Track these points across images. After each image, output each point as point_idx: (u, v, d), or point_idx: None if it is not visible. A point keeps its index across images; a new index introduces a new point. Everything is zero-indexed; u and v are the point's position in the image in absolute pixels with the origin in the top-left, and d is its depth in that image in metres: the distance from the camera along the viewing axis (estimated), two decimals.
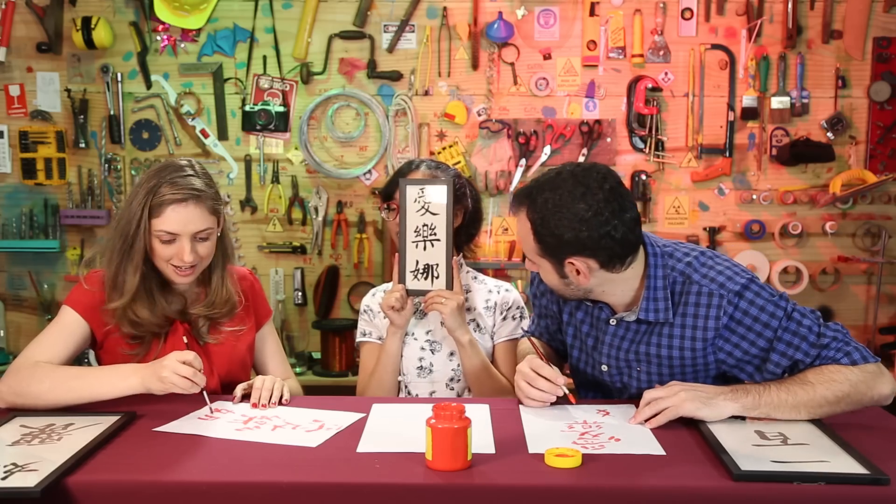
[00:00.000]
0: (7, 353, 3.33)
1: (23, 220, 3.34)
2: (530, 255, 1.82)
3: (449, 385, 2.22)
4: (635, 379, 1.89)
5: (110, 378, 1.81)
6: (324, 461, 1.50)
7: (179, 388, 1.75)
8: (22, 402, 1.80)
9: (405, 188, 2.10)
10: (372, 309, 2.30)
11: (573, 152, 3.28)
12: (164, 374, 1.74)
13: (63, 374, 1.82)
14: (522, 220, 1.78)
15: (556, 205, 1.70)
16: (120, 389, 1.79)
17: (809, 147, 3.24)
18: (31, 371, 1.82)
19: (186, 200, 1.88)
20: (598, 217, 1.69)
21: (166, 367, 1.75)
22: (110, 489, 1.41)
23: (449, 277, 2.10)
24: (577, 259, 1.73)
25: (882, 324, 3.33)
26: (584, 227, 1.69)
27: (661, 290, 1.80)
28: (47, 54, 3.29)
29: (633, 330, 1.86)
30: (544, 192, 1.73)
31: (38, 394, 1.79)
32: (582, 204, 1.69)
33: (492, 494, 1.41)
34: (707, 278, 1.78)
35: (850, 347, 1.71)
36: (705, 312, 1.77)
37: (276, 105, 3.28)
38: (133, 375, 1.79)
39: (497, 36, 3.24)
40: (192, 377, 1.74)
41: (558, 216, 1.70)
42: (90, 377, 1.82)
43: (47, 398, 1.78)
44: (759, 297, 1.75)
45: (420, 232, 2.10)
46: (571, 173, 1.73)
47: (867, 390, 1.67)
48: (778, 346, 1.73)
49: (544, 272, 1.82)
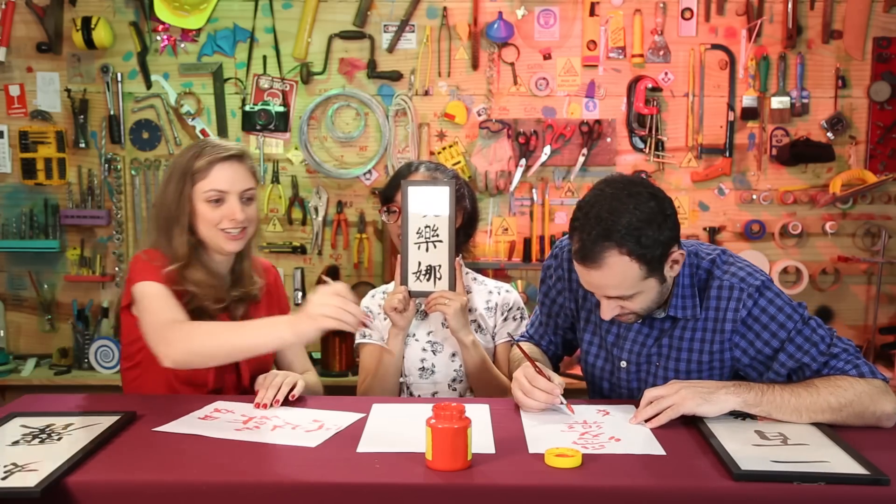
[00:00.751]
0: (7, 353, 3.33)
1: (23, 220, 3.34)
2: (630, 290, 1.73)
3: (451, 386, 2.23)
4: (653, 375, 1.89)
5: (259, 330, 1.78)
6: (324, 461, 1.50)
7: (339, 319, 1.66)
8: (188, 358, 1.77)
9: (407, 190, 2.10)
10: (372, 310, 2.30)
11: (573, 152, 3.28)
12: (313, 310, 1.67)
13: (219, 328, 1.82)
14: (614, 260, 1.68)
15: (641, 221, 1.67)
16: (269, 341, 1.77)
17: (809, 147, 3.24)
18: (190, 329, 1.79)
19: (231, 159, 1.94)
20: (664, 205, 1.71)
21: (313, 302, 1.69)
22: (110, 489, 1.41)
23: (452, 278, 2.10)
24: (675, 252, 1.74)
25: (882, 324, 3.33)
26: (666, 221, 1.70)
27: (689, 287, 1.82)
28: (47, 54, 3.29)
29: (658, 327, 1.87)
30: (621, 220, 1.67)
31: (200, 348, 1.76)
32: (651, 203, 1.69)
33: (492, 494, 1.41)
34: (728, 273, 1.80)
35: (859, 361, 1.72)
36: (725, 305, 1.79)
37: (276, 105, 3.28)
38: (281, 326, 1.74)
39: (497, 36, 3.24)
40: (344, 306, 1.67)
41: (651, 227, 1.67)
42: (241, 330, 1.80)
43: (207, 351, 1.77)
44: (779, 298, 1.78)
45: (422, 233, 2.10)
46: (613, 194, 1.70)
47: (870, 403, 1.66)
48: (788, 347, 1.74)
49: (645, 296, 1.76)
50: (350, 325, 1.69)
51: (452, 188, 2.08)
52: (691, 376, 1.84)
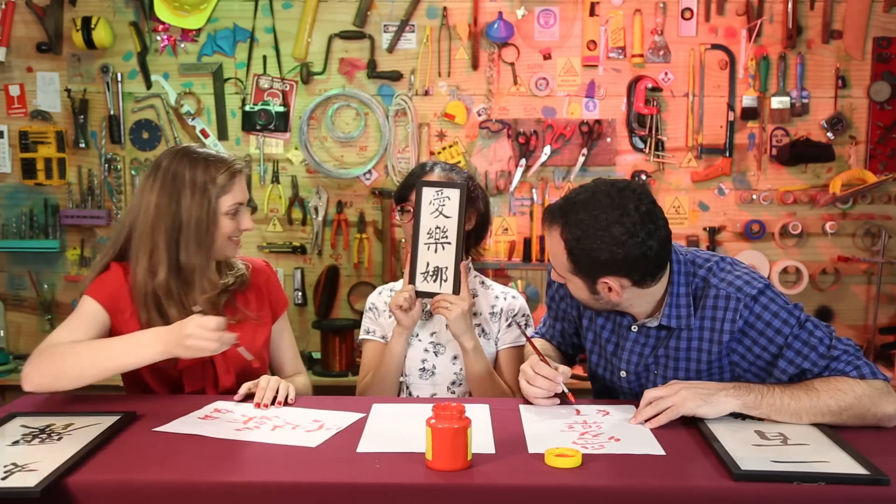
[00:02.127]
0: (7, 354, 3.33)
1: (23, 220, 3.34)
2: (561, 272, 1.80)
3: (450, 388, 2.22)
4: (651, 383, 1.89)
5: (131, 347, 1.77)
6: (324, 461, 1.50)
7: (208, 349, 1.70)
8: (49, 381, 1.78)
9: (421, 189, 2.10)
10: (377, 307, 2.30)
11: (573, 152, 3.28)
12: (189, 341, 1.70)
13: (83, 348, 1.80)
14: (555, 237, 1.75)
15: (592, 226, 1.68)
16: (142, 358, 1.77)
17: (809, 147, 3.24)
18: (53, 351, 1.80)
19: (242, 171, 1.98)
20: (634, 239, 1.68)
21: (189, 332, 1.70)
22: (110, 489, 1.41)
23: (457, 281, 2.09)
24: (610, 279, 1.73)
25: (882, 324, 3.33)
26: (620, 249, 1.68)
27: (684, 296, 1.82)
28: (47, 54, 3.29)
29: (654, 336, 1.87)
30: (579, 213, 1.70)
31: (62, 371, 1.76)
32: (618, 227, 1.67)
33: (492, 494, 1.41)
34: (725, 282, 1.80)
35: (860, 362, 1.71)
36: (722, 315, 1.79)
37: (276, 105, 3.28)
38: (156, 343, 1.75)
39: (497, 36, 3.24)
40: (218, 339, 1.70)
41: (594, 237, 1.68)
42: (114, 348, 1.79)
43: (72, 375, 1.77)
44: (774, 304, 1.76)
45: (433, 234, 2.10)
46: (607, 194, 1.71)
47: (871, 405, 1.66)
48: (787, 353, 1.74)
49: (574, 287, 1.81)
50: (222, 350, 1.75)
51: (464, 190, 2.07)
52: None
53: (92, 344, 1.83)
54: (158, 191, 1.93)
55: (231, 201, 1.94)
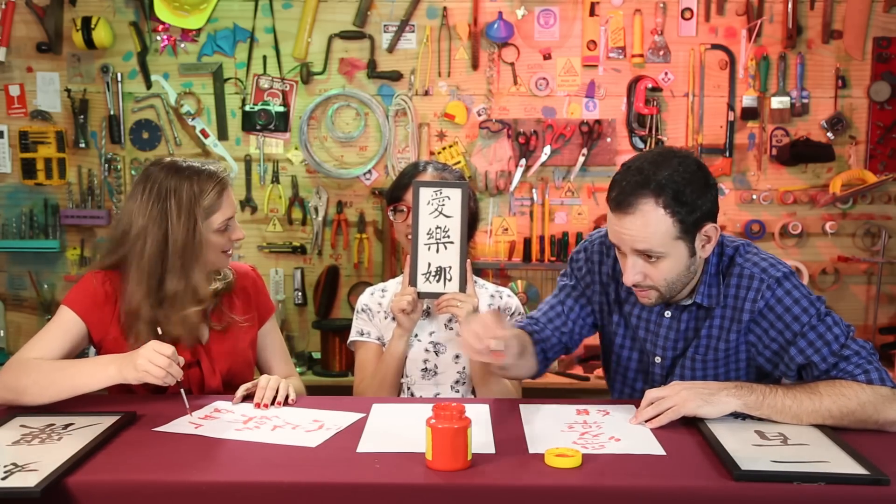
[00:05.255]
0: (7, 353, 3.33)
1: (23, 220, 3.34)
2: (659, 246, 1.70)
3: (454, 388, 2.21)
4: (689, 370, 1.88)
5: (89, 369, 1.79)
6: (324, 461, 1.50)
7: (154, 377, 1.72)
8: (12, 397, 1.79)
9: (419, 190, 2.09)
10: (371, 308, 2.29)
11: (573, 152, 3.28)
12: (139, 361, 1.71)
13: (47, 367, 1.82)
14: (650, 209, 1.67)
15: (682, 175, 1.68)
16: (98, 380, 1.77)
17: (809, 147, 3.24)
18: (20, 367, 1.82)
19: (230, 185, 1.97)
20: (709, 176, 1.73)
21: (142, 354, 1.73)
22: (110, 489, 1.41)
23: (462, 280, 2.09)
24: (708, 225, 1.74)
25: (882, 324, 3.33)
26: (709, 192, 1.72)
27: (714, 276, 1.82)
28: (47, 54, 3.29)
29: (686, 319, 1.86)
30: (663, 172, 1.68)
31: (24, 388, 1.78)
32: (696, 168, 1.71)
33: (492, 494, 1.41)
34: (750, 262, 1.81)
35: (870, 366, 1.69)
36: (745, 294, 1.79)
37: (276, 105, 3.28)
38: (110, 365, 1.77)
39: (497, 36, 3.24)
40: (167, 367, 1.71)
41: (691, 187, 1.68)
42: (71, 369, 1.81)
43: (33, 392, 1.77)
44: (797, 290, 1.76)
45: (433, 234, 2.09)
46: (661, 153, 1.74)
47: (874, 412, 1.65)
48: (800, 341, 1.73)
49: (671, 263, 1.73)
50: (164, 384, 1.74)
51: (465, 189, 2.07)
52: (718, 364, 1.85)
53: (55, 364, 1.84)
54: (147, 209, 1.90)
55: (221, 218, 1.93)
